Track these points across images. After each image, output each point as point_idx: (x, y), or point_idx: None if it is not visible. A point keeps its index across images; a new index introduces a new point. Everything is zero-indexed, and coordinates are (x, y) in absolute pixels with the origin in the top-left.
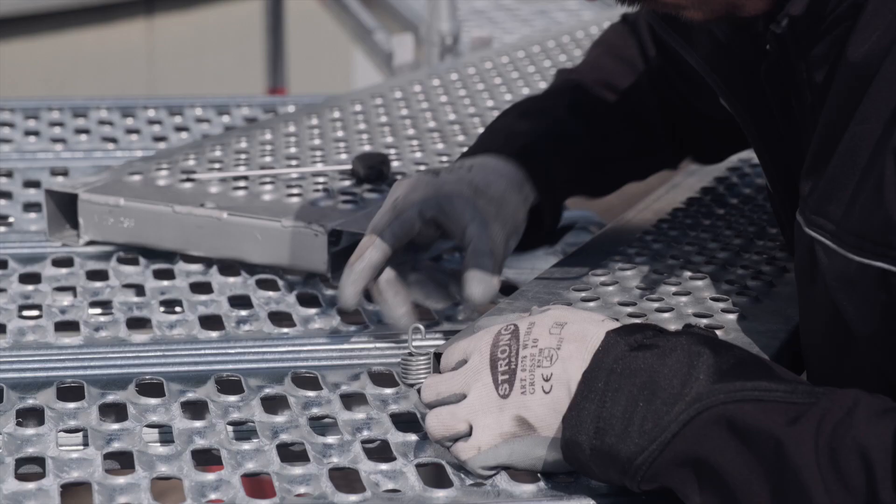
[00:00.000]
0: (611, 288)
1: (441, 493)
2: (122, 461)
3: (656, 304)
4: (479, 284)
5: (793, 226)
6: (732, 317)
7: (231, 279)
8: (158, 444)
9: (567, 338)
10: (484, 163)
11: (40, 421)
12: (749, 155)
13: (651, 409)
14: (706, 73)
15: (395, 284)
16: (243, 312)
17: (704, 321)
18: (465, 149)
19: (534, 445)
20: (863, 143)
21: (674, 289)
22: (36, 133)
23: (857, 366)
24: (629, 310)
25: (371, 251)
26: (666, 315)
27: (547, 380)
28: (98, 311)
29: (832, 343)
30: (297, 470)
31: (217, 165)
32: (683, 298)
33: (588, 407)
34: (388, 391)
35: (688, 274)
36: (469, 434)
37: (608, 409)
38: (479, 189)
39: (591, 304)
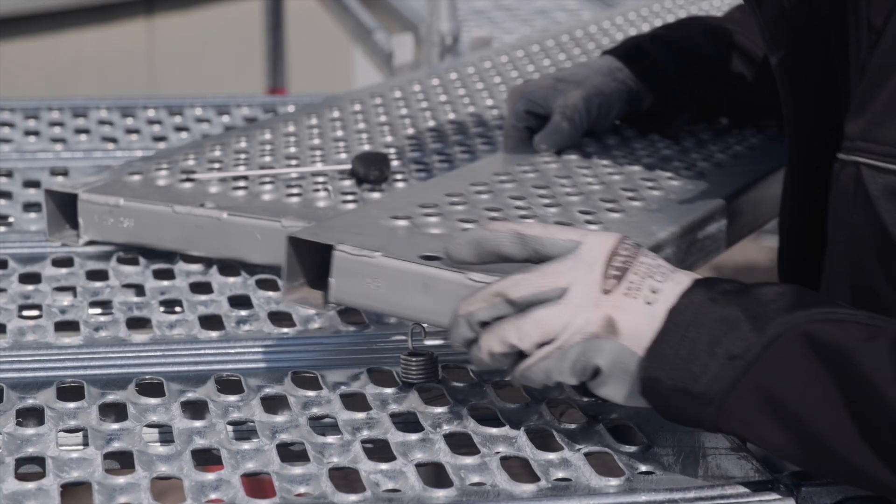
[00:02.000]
0: (509, 185)
1: (441, 493)
2: (122, 461)
3: (546, 200)
4: (545, 135)
5: (806, 171)
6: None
7: (231, 279)
8: (158, 444)
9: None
10: (582, 62)
11: (40, 421)
12: None
13: (734, 344)
14: (769, 45)
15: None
16: (243, 312)
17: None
18: (464, 147)
19: (615, 351)
20: None
21: (568, 189)
22: (36, 133)
23: (874, 286)
24: (519, 202)
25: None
26: (553, 210)
27: (654, 292)
28: (98, 311)
29: (861, 265)
30: (297, 470)
31: (217, 165)
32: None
33: (669, 344)
34: (388, 391)
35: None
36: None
37: (688, 348)
38: (561, 77)
39: (485, 196)
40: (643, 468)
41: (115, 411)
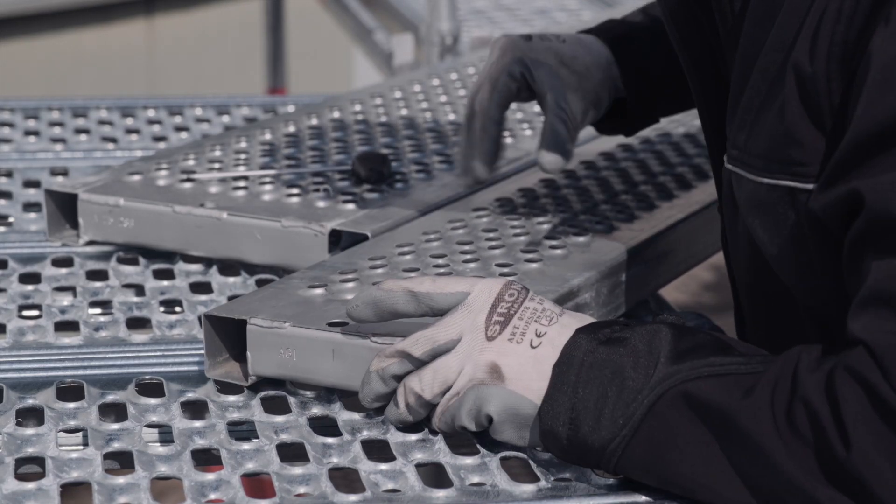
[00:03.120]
0: (435, 244)
1: (441, 493)
2: (122, 461)
3: (468, 256)
4: (549, 153)
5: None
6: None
7: (231, 279)
8: (158, 444)
9: (572, 311)
10: (579, 38)
11: (40, 421)
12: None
13: (621, 398)
14: (667, 23)
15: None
16: None
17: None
18: None
19: (503, 396)
20: (770, 70)
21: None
22: (36, 133)
23: (778, 293)
24: (440, 261)
25: (483, 128)
26: (472, 265)
27: (539, 336)
28: (98, 311)
29: (755, 272)
30: (297, 470)
31: (217, 165)
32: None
33: (561, 399)
34: None
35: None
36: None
37: (581, 401)
38: (565, 60)
39: (408, 256)
40: None
41: (115, 411)
